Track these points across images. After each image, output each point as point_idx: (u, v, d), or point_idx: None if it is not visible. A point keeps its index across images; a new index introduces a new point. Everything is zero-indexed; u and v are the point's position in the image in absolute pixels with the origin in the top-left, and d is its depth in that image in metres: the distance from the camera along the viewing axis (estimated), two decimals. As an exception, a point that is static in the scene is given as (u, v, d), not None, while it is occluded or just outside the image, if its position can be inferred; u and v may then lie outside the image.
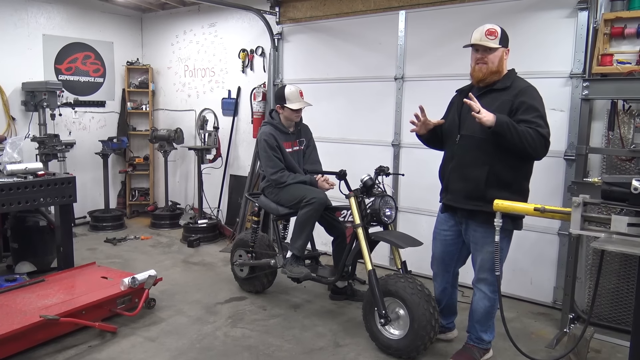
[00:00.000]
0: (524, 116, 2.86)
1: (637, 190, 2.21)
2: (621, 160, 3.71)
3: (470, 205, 3.05)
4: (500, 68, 3.00)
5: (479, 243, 3.12)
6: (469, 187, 3.04)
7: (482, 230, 3.07)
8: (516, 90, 2.94)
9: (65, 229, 4.60)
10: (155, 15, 7.38)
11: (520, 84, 2.99)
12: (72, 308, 3.55)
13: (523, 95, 2.91)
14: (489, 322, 3.25)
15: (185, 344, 3.55)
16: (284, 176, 4.03)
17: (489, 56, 2.97)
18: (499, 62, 2.98)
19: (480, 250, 3.12)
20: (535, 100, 2.92)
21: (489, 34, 2.98)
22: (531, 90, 2.97)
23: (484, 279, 3.16)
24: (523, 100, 2.89)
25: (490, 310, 3.20)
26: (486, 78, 3.01)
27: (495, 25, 3.01)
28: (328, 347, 3.55)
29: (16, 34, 6.17)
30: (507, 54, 3.04)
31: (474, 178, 3.00)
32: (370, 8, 5.12)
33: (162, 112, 7.49)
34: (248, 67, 6.36)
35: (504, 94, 2.96)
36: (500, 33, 2.99)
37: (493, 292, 3.15)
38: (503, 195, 2.88)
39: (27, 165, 4.36)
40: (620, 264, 3.71)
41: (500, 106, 2.92)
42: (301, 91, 4.15)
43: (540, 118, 2.87)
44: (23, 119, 6.18)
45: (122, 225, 6.80)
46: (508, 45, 3.05)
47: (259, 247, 4.42)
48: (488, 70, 2.99)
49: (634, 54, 3.61)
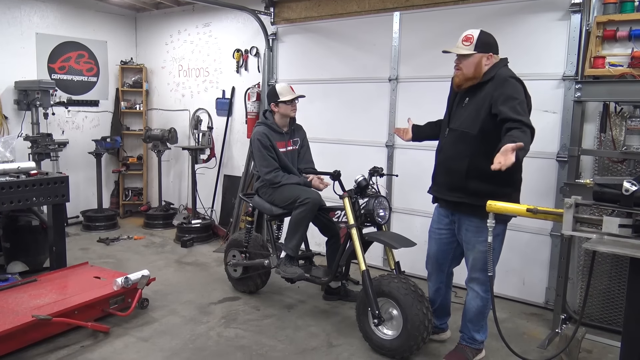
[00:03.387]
0: (503, 107, 2.82)
1: (628, 192, 2.23)
2: (613, 162, 3.73)
3: (452, 196, 3.10)
4: (477, 74, 2.98)
5: (470, 242, 3.13)
6: (451, 179, 3.10)
7: (474, 229, 3.09)
8: (497, 82, 2.92)
9: (58, 229, 4.57)
10: (150, 14, 7.36)
11: (503, 74, 2.95)
12: (65, 308, 3.54)
13: (502, 86, 2.88)
14: (482, 321, 3.26)
15: (178, 344, 3.54)
16: (277, 176, 4.03)
17: (463, 62, 2.99)
18: (475, 68, 2.97)
19: (472, 249, 3.13)
20: (514, 90, 2.88)
21: (464, 40, 3.00)
22: (512, 81, 2.91)
23: (476, 279, 3.18)
24: (502, 91, 2.87)
25: (483, 310, 3.21)
26: (462, 84, 3.05)
27: (474, 31, 3.00)
28: (321, 347, 3.55)
29: (9, 32, 6.13)
30: (489, 59, 2.99)
31: (456, 170, 3.05)
32: (364, 9, 5.13)
33: (156, 111, 7.46)
34: (242, 67, 6.36)
35: (488, 86, 2.96)
36: (477, 39, 2.97)
37: (485, 292, 3.16)
38: (489, 188, 2.90)
39: (20, 165, 4.33)
40: (612, 265, 3.74)
41: (481, 100, 2.95)
42: (291, 86, 4.18)
43: (520, 105, 2.83)
44: (16, 117, 6.15)
45: (115, 225, 6.77)
46: (490, 50, 3.00)
47: (252, 248, 4.41)
48: (463, 77, 3.02)
49: (626, 56, 3.64)
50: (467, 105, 3.07)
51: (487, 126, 2.92)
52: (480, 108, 2.95)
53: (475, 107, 2.98)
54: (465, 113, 3.06)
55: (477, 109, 2.97)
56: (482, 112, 2.94)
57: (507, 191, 2.96)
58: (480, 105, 2.95)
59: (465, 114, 3.05)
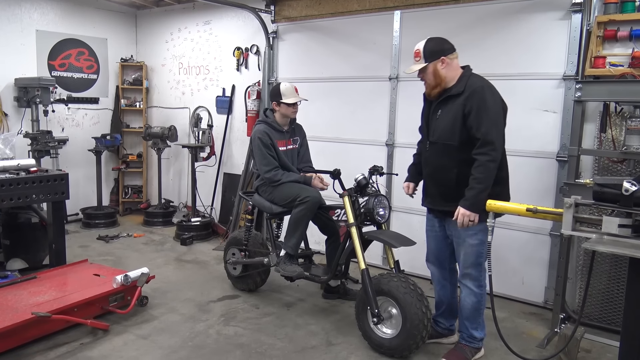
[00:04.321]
0: (473, 121, 2.92)
1: (628, 192, 2.24)
2: (613, 162, 3.73)
3: (447, 206, 3.14)
4: (439, 80, 3.08)
5: (460, 237, 3.16)
6: (443, 191, 3.18)
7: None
8: (468, 93, 2.98)
9: (58, 226, 4.57)
10: (150, 12, 7.35)
11: (473, 84, 3.00)
12: (64, 305, 3.54)
13: (472, 97, 2.95)
14: (479, 318, 3.27)
15: (177, 342, 3.54)
16: (277, 174, 4.03)
17: (424, 75, 3.14)
18: (434, 77, 3.08)
19: (462, 244, 3.16)
20: (485, 102, 2.93)
21: (415, 57, 3.15)
22: (484, 91, 2.97)
23: (468, 274, 3.19)
24: (472, 104, 2.94)
25: (478, 306, 3.22)
26: (431, 93, 3.15)
27: (419, 44, 3.13)
28: (320, 345, 3.55)
29: (9, 29, 6.12)
30: (443, 62, 3.06)
31: (446, 182, 3.14)
32: (365, 8, 5.13)
33: (156, 109, 7.46)
34: (243, 65, 6.36)
35: (459, 98, 3.01)
36: (423, 50, 3.09)
37: (479, 287, 3.18)
38: None
39: (20, 162, 4.33)
40: (611, 264, 3.74)
41: (455, 112, 3.02)
42: (296, 87, 4.17)
43: (487, 117, 2.91)
44: (16, 115, 6.14)
45: (114, 223, 6.77)
46: (440, 55, 3.06)
47: (252, 246, 4.42)
48: (429, 87, 3.15)
49: (627, 56, 3.64)
50: (441, 117, 3.13)
51: (464, 136, 3.00)
52: (455, 119, 3.02)
53: (450, 118, 3.05)
54: (441, 125, 3.12)
55: (452, 121, 3.04)
56: (457, 123, 3.01)
57: (496, 190, 3.00)
58: (454, 117, 3.02)
59: (442, 126, 3.11)
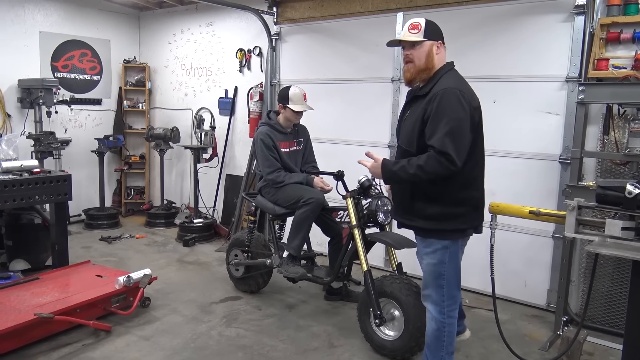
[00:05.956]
0: (429, 127, 2.55)
1: (631, 195, 2.23)
2: (616, 164, 3.73)
3: (403, 219, 2.80)
4: (430, 64, 2.67)
5: (419, 254, 2.83)
6: (400, 202, 2.83)
7: (420, 240, 2.80)
8: (430, 96, 2.59)
9: (60, 227, 4.58)
10: (153, 13, 7.37)
11: (439, 86, 2.60)
12: (67, 306, 3.55)
13: (434, 100, 2.55)
14: (440, 351, 2.75)
15: (179, 343, 3.54)
16: (280, 176, 4.04)
17: (413, 52, 2.68)
18: (426, 58, 2.66)
19: (421, 261, 2.81)
20: (444, 107, 2.52)
21: (411, 28, 2.69)
22: (447, 94, 2.55)
23: (428, 296, 2.79)
24: (432, 107, 2.55)
25: (439, 335, 2.73)
26: (415, 78, 2.71)
27: (419, 19, 2.72)
28: (323, 347, 3.55)
29: (13, 30, 6.14)
30: (439, 47, 2.70)
31: (401, 192, 2.79)
32: (368, 9, 5.13)
33: (158, 110, 7.47)
34: (245, 66, 6.36)
35: (423, 100, 2.63)
36: (425, 26, 2.67)
37: (440, 313, 2.73)
38: (434, 209, 2.64)
39: (23, 163, 4.34)
40: (614, 267, 3.73)
41: (417, 115, 2.64)
42: (305, 94, 4.18)
43: (445, 125, 2.49)
44: (19, 116, 6.16)
45: (117, 224, 6.78)
46: (440, 38, 2.72)
47: (254, 247, 4.42)
48: (415, 69, 2.69)
49: (630, 58, 3.64)
50: (407, 119, 2.77)
51: (422, 144, 2.60)
52: (415, 124, 2.64)
53: (412, 122, 2.68)
54: (405, 128, 2.76)
55: (412, 125, 2.66)
56: (416, 128, 2.62)
57: (459, 211, 2.64)
58: (415, 121, 2.64)
59: (405, 129, 2.76)
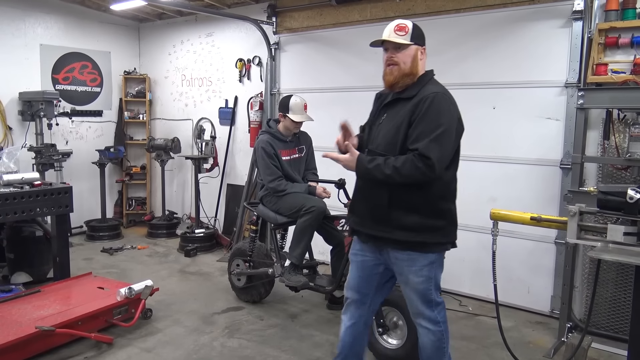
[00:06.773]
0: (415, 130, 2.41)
1: (633, 200, 2.23)
2: (617, 169, 3.72)
3: (377, 230, 2.55)
4: (414, 69, 2.55)
5: (403, 274, 2.55)
6: (373, 210, 2.57)
7: (405, 257, 2.51)
8: (419, 99, 2.45)
9: (62, 239, 4.57)
10: (153, 25, 7.41)
11: (428, 90, 2.48)
12: (68, 319, 3.54)
13: (423, 104, 2.42)
14: (443, 358, 2.64)
15: (182, 355, 3.53)
16: (281, 184, 4.04)
17: (398, 55, 2.56)
18: (412, 62, 2.55)
19: (407, 282, 2.56)
20: (435, 111, 2.41)
21: (398, 30, 2.57)
22: (438, 99, 2.44)
23: (420, 314, 2.59)
24: (420, 110, 2.42)
25: (439, 344, 2.60)
26: (398, 82, 2.57)
27: (406, 21, 2.62)
28: (325, 357, 3.53)
29: (13, 43, 6.17)
30: (423, 53, 2.60)
31: (376, 200, 2.54)
32: (366, 18, 5.15)
33: (159, 121, 7.49)
34: (245, 76, 6.38)
35: (409, 103, 2.49)
36: (412, 29, 2.56)
37: (436, 325, 2.58)
38: (412, 219, 2.45)
39: (24, 175, 4.34)
40: (617, 272, 3.71)
41: (401, 119, 2.48)
42: (306, 104, 4.19)
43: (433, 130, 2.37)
44: (20, 128, 6.18)
45: (118, 235, 6.78)
46: (424, 44, 2.62)
47: (256, 257, 4.41)
48: (400, 73, 2.56)
49: (628, 63, 3.65)
50: (384, 122, 2.60)
51: (406, 148, 2.44)
52: (399, 127, 2.47)
53: (394, 125, 2.51)
54: (382, 131, 2.58)
55: (395, 129, 2.49)
56: (401, 132, 2.46)
57: (439, 224, 2.49)
58: (399, 124, 2.48)
59: (383, 133, 2.57)
